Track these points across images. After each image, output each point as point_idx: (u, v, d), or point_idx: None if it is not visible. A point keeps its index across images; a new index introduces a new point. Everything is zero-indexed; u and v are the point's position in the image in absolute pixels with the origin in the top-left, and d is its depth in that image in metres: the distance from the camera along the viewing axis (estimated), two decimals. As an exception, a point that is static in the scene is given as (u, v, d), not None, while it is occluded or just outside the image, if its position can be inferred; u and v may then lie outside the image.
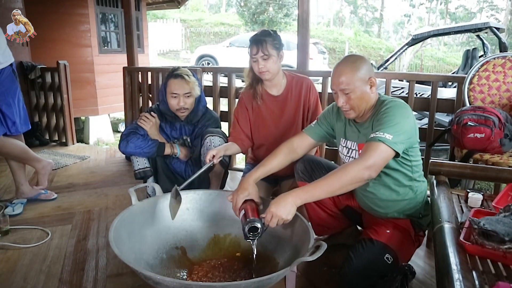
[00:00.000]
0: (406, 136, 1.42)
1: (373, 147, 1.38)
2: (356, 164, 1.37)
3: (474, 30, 4.87)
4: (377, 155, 1.37)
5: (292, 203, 1.35)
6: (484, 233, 1.08)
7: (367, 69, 1.49)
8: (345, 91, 1.47)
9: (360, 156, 1.42)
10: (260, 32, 1.95)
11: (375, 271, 1.45)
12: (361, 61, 1.49)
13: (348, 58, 1.52)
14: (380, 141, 1.37)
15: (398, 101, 1.49)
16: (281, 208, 1.34)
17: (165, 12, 18.53)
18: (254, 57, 1.91)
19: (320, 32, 20.17)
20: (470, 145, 2.05)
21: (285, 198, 1.36)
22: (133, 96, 3.69)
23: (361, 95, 1.48)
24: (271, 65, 1.91)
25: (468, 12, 26.81)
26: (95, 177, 3.16)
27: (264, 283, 1.21)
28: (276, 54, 1.91)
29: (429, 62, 18.11)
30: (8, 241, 2.01)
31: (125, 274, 1.73)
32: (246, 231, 1.36)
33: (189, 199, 1.71)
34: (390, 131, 1.38)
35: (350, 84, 1.46)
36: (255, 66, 1.93)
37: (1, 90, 2.21)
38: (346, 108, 1.52)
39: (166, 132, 2.23)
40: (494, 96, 2.30)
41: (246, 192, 1.51)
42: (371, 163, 1.36)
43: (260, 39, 1.89)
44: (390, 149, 1.38)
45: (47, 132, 4.39)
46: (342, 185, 1.37)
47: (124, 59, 3.90)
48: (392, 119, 1.41)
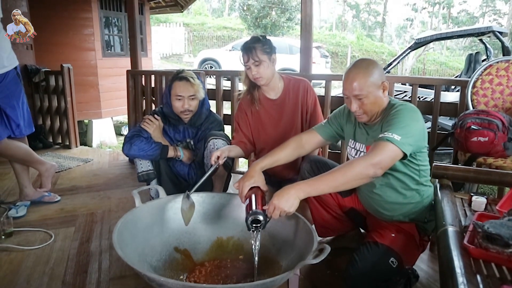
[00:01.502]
0: (414, 139, 1.41)
1: (381, 146, 1.37)
2: (362, 161, 1.37)
3: (477, 34, 4.87)
4: (384, 154, 1.36)
5: (295, 196, 1.35)
6: (488, 237, 1.07)
7: (379, 73, 1.48)
8: (359, 96, 1.47)
9: (367, 153, 1.41)
10: (249, 39, 1.96)
11: (380, 274, 1.44)
12: (373, 66, 1.48)
13: (360, 63, 1.51)
14: (388, 140, 1.36)
15: (408, 104, 1.49)
16: (284, 201, 1.34)
17: (168, 16, 18.61)
18: (246, 64, 1.93)
19: (323, 36, 20.23)
20: (473, 149, 2.04)
21: (288, 191, 1.35)
22: (137, 99, 3.71)
23: (374, 100, 1.48)
24: (264, 70, 1.92)
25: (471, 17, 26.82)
26: (98, 180, 3.17)
27: (267, 286, 1.20)
28: (267, 59, 1.92)
29: (432, 66, 18.10)
30: (12, 243, 2.02)
31: (128, 276, 1.73)
32: (248, 223, 1.36)
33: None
34: (399, 132, 1.38)
35: (363, 89, 1.45)
36: (249, 73, 1.96)
37: (6, 93, 2.22)
38: (360, 113, 1.51)
39: (170, 135, 2.24)
40: (497, 100, 2.29)
41: (252, 179, 1.52)
42: (377, 161, 1.35)
43: (250, 47, 1.90)
44: (398, 149, 1.37)
45: (51, 135, 4.40)
46: (346, 180, 1.36)
47: (127, 62, 3.92)
48: (401, 121, 1.41)
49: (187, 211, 1.65)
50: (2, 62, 2.17)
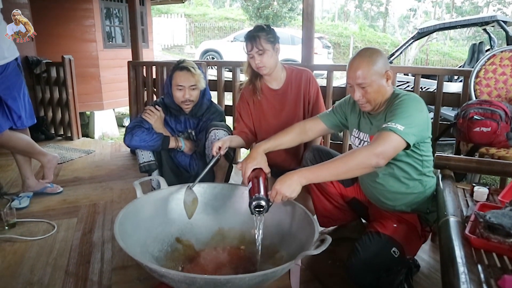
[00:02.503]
0: (418, 129, 1.41)
1: (384, 136, 1.37)
2: (365, 150, 1.37)
3: (481, 24, 4.81)
4: (387, 144, 1.36)
5: (297, 182, 1.36)
6: (490, 227, 1.07)
7: (383, 62, 1.48)
8: (362, 85, 1.47)
9: (370, 143, 1.41)
10: (253, 28, 1.95)
11: (382, 264, 1.45)
12: (377, 55, 1.48)
13: (364, 52, 1.51)
14: (391, 130, 1.36)
15: (412, 94, 1.49)
16: (286, 186, 1.34)
17: (169, 7, 18.51)
18: (249, 53, 1.92)
19: (325, 27, 20.06)
20: (476, 139, 2.03)
21: (291, 176, 1.36)
22: (138, 91, 3.70)
23: (377, 89, 1.47)
24: (267, 59, 1.92)
25: (475, 6, 26.53)
26: (100, 171, 3.17)
27: (269, 277, 1.21)
28: (271, 48, 1.91)
29: (435, 56, 17.97)
30: (15, 233, 2.03)
31: (131, 266, 1.75)
32: (252, 208, 1.37)
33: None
34: (402, 122, 1.37)
35: (367, 78, 1.45)
36: (252, 62, 1.95)
37: (7, 85, 2.22)
38: (363, 101, 1.51)
39: (171, 126, 2.23)
40: (500, 90, 2.27)
41: (255, 161, 1.53)
42: (380, 151, 1.35)
43: (254, 35, 1.89)
44: (401, 139, 1.36)
45: (53, 127, 4.41)
46: (348, 169, 1.37)
47: (128, 53, 3.90)
48: (405, 110, 1.40)
49: (190, 204, 1.65)
50: (2, 53, 2.16)
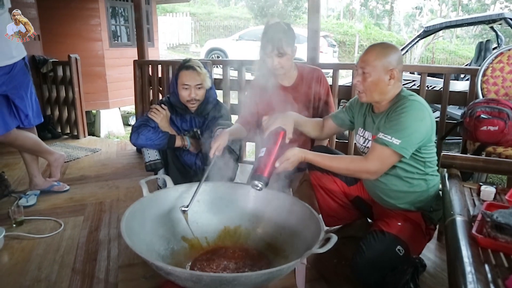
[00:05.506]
0: (417, 140, 1.43)
1: (379, 152, 1.44)
2: (360, 164, 1.47)
3: (488, 22, 4.77)
4: (382, 162, 1.44)
5: (298, 155, 1.48)
6: (497, 226, 1.07)
7: (394, 59, 1.48)
8: (364, 69, 1.49)
9: (366, 156, 1.48)
10: (274, 28, 1.90)
11: (387, 263, 1.45)
12: (392, 50, 1.49)
13: (382, 43, 1.54)
14: (386, 145, 1.41)
15: (416, 101, 1.47)
16: (289, 151, 1.47)
17: (175, 6, 18.51)
18: (268, 54, 1.89)
19: (330, 25, 19.95)
20: (483, 138, 2.02)
21: (293, 148, 1.50)
22: (144, 89, 3.71)
23: (376, 81, 1.48)
24: (286, 61, 1.91)
25: (482, 4, 26.26)
26: (107, 170, 3.19)
27: (274, 275, 1.21)
28: (290, 51, 1.90)
29: (441, 55, 17.81)
30: (23, 231, 2.05)
31: (137, 264, 1.75)
32: (251, 184, 1.46)
33: (199, 191, 1.72)
34: (399, 136, 1.40)
35: (369, 65, 1.47)
36: (269, 61, 1.92)
37: (14, 84, 2.24)
38: (360, 88, 1.53)
39: (177, 125, 2.24)
40: (508, 88, 2.26)
41: (283, 122, 1.59)
42: (373, 170, 1.45)
43: (275, 37, 1.86)
44: (396, 154, 1.42)
45: (59, 125, 4.44)
46: (338, 169, 1.51)
47: (134, 52, 3.92)
48: (403, 122, 1.41)
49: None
50: (10, 52, 2.18)
